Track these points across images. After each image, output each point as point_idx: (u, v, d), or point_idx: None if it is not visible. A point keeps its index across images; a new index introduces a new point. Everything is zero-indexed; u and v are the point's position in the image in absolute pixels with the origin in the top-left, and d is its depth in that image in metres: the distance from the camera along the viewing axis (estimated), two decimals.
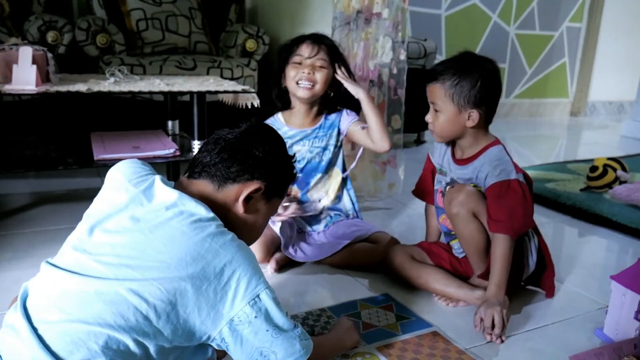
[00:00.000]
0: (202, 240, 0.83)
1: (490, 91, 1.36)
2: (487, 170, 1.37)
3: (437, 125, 1.40)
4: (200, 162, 0.96)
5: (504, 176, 1.34)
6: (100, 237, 0.85)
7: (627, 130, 4.31)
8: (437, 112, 1.39)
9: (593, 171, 2.48)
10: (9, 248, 1.65)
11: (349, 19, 2.13)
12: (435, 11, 4.34)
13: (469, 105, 1.35)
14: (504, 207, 1.32)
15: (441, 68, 1.37)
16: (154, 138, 2.12)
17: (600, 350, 1.16)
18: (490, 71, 1.36)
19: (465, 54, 1.40)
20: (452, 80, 1.34)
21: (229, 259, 0.84)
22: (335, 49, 1.66)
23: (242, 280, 0.84)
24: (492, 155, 1.39)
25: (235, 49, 3.09)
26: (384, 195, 2.32)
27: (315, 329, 1.27)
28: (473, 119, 1.36)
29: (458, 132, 1.40)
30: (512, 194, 1.33)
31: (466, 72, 1.33)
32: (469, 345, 1.25)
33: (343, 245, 1.59)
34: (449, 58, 1.41)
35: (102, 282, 0.80)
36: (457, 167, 1.46)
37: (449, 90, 1.35)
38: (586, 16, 5.12)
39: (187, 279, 0.81)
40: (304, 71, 1.60)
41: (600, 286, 1.58)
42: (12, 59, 1.75)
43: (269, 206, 1.02)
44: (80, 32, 2.65)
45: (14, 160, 1.87)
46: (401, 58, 2.22)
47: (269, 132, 1.04)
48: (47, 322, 0.78)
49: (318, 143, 1.69)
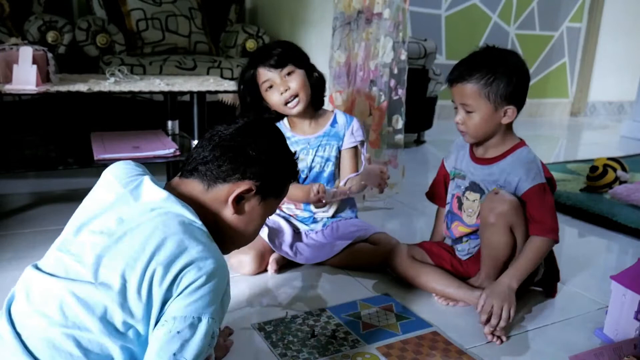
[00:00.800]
0: (181, 241, 0.79)
1: (524, 85, 1.33)
2: (519, 173, 1.34)
3: (471, 126, 1.35)
4: (193, 159, 0.92)
5: (539, 179, 1.33)
6: (85, 238, 0.83)
7: (627, 130, 4.31)
8: (470, 113, 1.33)
9: (593, 171, 2.48)
10: (9, 248, 1.65)
11: (350, 19, 2.13)
12: (435, 11, 4.34)
13: (505, 102, 1.31)
14: (545, 209, 1.32)
15: (470, 66, 1.32)
16: (154, 138, 2.12)
17: (600, 350, 1.16)
18: (520, 65, 1.33)
19: (489, 49, 1.36)
20: (486, 78, 1.30)
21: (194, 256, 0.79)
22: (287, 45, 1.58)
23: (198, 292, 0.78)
24: (523, 157, 1.37)
25: (235, 49, 3.09)
26: (385, 195, 2.32)
27: (315, 329, 1.27)
28: (509, 116, 1.33)
29: (492, 130, 1.36)
30: (549, 197, 1.34)
31: (499, 69, 1.30)
32: (469, 345, 1.25)
33: (343, 247, 1.59)
34: (472, 56, 1.36)
35: (81, 285, 0.78)
36: (479, 167, 1.42)
37: (483, 88, 1.30)
38: (586, 16, 5.12)
39: (156, 276, 0.77)
40: (281, 92, 1.54)
41: (600, 286, 1.58)
42: (13, 59, 1.76)
43: (263, 207, 0.96)
44: (80, 32, 2.65)
45: (14, 160, 1.87)
46: (402, 58, 2.22)
47: (266, 128, 0.98)
48: (29, 328, 0.77)
49: (321, 152, 1.65)
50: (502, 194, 1.33)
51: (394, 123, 2.30)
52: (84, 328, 0.76)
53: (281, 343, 1.21)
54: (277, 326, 1.28)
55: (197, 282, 0.78)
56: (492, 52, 1.35)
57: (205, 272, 0.79)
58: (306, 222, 1.70)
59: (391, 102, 2.26)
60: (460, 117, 1.36)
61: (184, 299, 0.78)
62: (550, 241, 1.33)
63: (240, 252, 1.54)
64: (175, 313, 0.78)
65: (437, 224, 1.62)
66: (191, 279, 0.78)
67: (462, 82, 1.32)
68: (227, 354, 1.16)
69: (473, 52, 1.37)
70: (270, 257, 1.58)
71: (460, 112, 1.36)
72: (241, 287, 1.47)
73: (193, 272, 0.78)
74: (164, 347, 0.77)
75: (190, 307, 0.78)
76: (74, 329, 0.76)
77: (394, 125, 2.30)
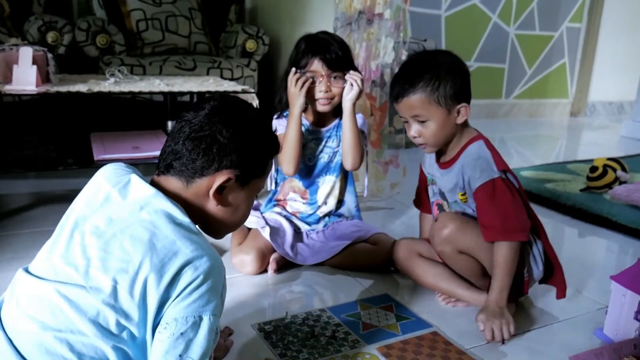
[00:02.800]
0: (173, 242, 0.79)
1: (467, 80, 1.30)
2: (468, 172, 1.30)
3: (429, 136, 1.31)
4: (167, 154, 0.89)
5: (486, 176, 1.28)
6: (75, 240, 0.82)
7: (627, 130, 4.31)
8: (424, 122, 1.30)
9: (593, 171, 2.48)
10: (9, 248, 1.65)
11: (351, 20, 2.14)
12: (435, 11, 4.34)
13: (456, 101, 1.28)
14: (494, 210, 1.27)
15: (410, 77, 1.29)
16: (154, 138, 2.12)
17: (600, 350, 1.16)
18: (457, 61, 1.31)
19: (419, 55, 1.36)
20: (431, 83, 1.26)
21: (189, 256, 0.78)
22: (345, 51, 1.58)
23: (197, 292, 0.78)
24: (471, 153, 1.31)
25: (235, 49, 3.09)
26: (386, 195, 2.32)
27: (315, 329, 1.27)
28: (463, 114, 1.30)
29: (451, 134, 1.33)
30: (500, 194, 1.27)
31: (439, 71, 1.27)
32: (469, 345, 1.25)
33: (342, 248, 1.59)
34: (406, 67, 1.33)
35: (72, 288, 0.77)
36: (441, 172, 1.39)
37: (431, 95, 1.27)
38: (586, 16, 5.12)
39: (150, 279, 0.76)
40: (321, 90, 1.55)
41: (600, 286, 1.58)
42: (13, 59, 1.76)
43: (247, 190, 0.93)
44: (80, 33, 2.65)
45: (14, 161, 1.87)
46: (403, 58, 2.22)
47: (235, 109, 0.92)
48: (21, 332, 0.76)
49: (330, 143, 1.66)
50: (443, 217, 1.32)
51: (395, 123, 2.30)
52: (77, 331, 0.75)
53: (281, 343, 1.21)
54: (277, 326, 1.28)
55: (195, 282, 0.78)
56: (424, 57, 1.35)
57: (202, 271, 0.79)
58: (308, 222, 1.70)
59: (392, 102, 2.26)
60: (414, 130, 1.32)
61: (183, 300, 0.78)
62: (512, 244, 1.26)
63: (242, 252, 1.54)
64: (176, 315, 0.78)
65: (422, 232, 1.57)
66: (189, 280, 0.78)
67: (407, 96, 1.28)
68: (227, 354, 1.16)
69: (404, 63, 1.36)
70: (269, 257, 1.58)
71: (412, 125, 1.32)
72: (241, 287, 1.47)
73: (190, 273, 0.78)
74: (169, 350, 0.77)
75: (190, 307, 0.78)
76: (66, 332, 0.75)
77: (395, 126, 2.30)
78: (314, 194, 1.69)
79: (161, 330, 0.78)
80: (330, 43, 1.55)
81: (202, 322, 0.78)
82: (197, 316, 0.78)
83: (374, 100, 2.20)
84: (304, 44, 1.57)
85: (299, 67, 1.55)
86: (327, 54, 1.53)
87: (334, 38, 1.59)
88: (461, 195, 1.35)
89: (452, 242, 1.31)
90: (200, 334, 0.78)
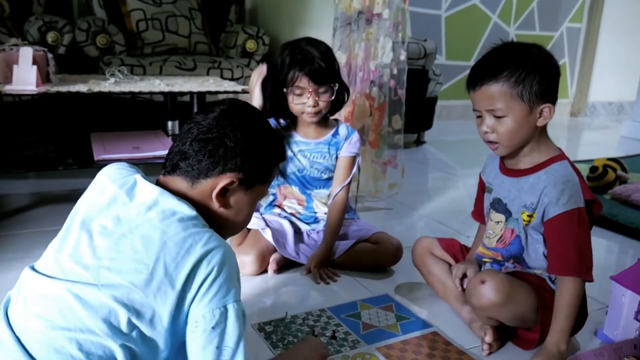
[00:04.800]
0: (183, 240, 0.80)
1: (556, 78, 1.15)
2: (551, 194, 1.14)
3: (503, 134, 1.15)
4: (174, 154, 0.90)
5: (572, 204, 1.13)
6: (83, 239, 0.82)
7: (627, 130, 4.31)
8: (501, 118, 1.14)
9: (593, 171, 2.48)
10: (9, 248, 1.65)
11: (350, 20, 2.14)
12: (435, 12, 4.34)
13: (541, 100, 1.13)
14: (573, 243, 1.13)
15: (494, 65, 1.14)
16: (154, 138, 2.12)
17: (600, 350, 1.16)
18: (549, 57, 1.15)
19: (509, 44, 1.18)
20: (516, 75, 1.11)
21: (203, 249, 0.80)
22: (330, 61, 1.52)
23: (215, 285, 0.80)
24: (559, 174, 1.15)
25: (235, 49, 3.09)
26: (385, 196, 2.32)
27: (315, 329, 1.27)
28: (545, 116, 1.15)
29: (528, 136, 1.17)
30: (582, 226, 1.14)
31: (528, 63, 1.12)
32: (469, 345, 1.25)
33: (346, 249, 1.59)
34: (491, 54, 1.17)
35: (82, 287, 0.77)
36: (507, 179, 1.23)
37: (514, 88, 1.11)
38: (586, 16, 5.12)
39: (164, 277, 0.78)
40: (309, 105, 1.52)
41: (600, 286, 1.57)
42: (13, 59, 1.76)
43: (251, 195, 0.94)
44: (80, 33, 2.65)
45: (14, 161, 1.87)
46: (401, 58, 2.22)
47: (244, 114, 0.92)
48: (29, 331, 0.76)
49: (320, 159, 1.63)
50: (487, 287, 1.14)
51: (393, 123, 2.30)
52: (87, 330, 0.75)
53: (281, 343, 1.21)
54: (277, 326, 1.28)
55: (212, 275, 0.80)
56: (514, 46, 1.17)
57: (216, 262, 0.80)
58: (308, 222, 1.70)
59: (391, 102, 2.26)
60: (487, 125, 1.16)
61: (204, 296, 0.80)
62: (580, 282, 1.15)
63: (242, 253, 1.54)
64: (202, 312, 0.80)
65: (474, 244, 1.42)
66: (205, 274, 0.79)
67: (488, 84, 1.13)
68: None
69: (491, 50, 1.18)
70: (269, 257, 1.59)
71: (486, 120, 1.16)
72: (241, 287, 1.47)
73: (204, 267, 0.80)
74: (205, 345, 0.80)
75: (213, 302, 0.80)
76: (75, 331, 0.75)
77: (393, 126, 2.30)
78: (310, 202, 1.69)
79: (193, 330, 0.80)
80: (315, 56, 1.49)
81: (228, 312, 0.81)
82: (222, 307, 0.81)
83: (373, 101, 2.20)
84: (288, 57, 1.50)
85: (285, 82, 1.51)
86: (313, 70, 1.48)
87: (319, 48, 1.52)
88: (527, 215, 1.19)
89: (492, 314, 1.19)
90: (230, 322, 0.81)
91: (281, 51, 1.54)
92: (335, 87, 1.54)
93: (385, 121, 2.26)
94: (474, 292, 1.16)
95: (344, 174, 1.63)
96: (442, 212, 2.20)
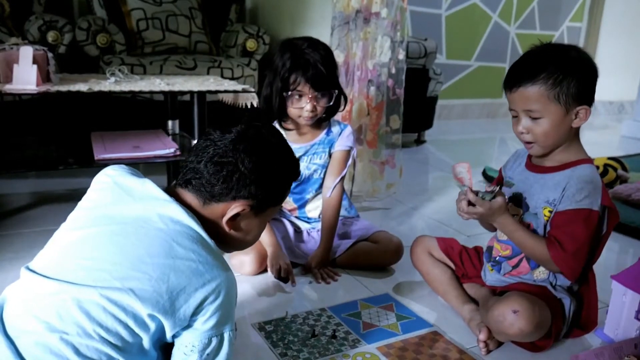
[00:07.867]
0: (189, 259, 0.80)
1: (594, 80, 1.17)
2: (571, 189, 1.16)
3: (539, 134, 1.17)
4: (188, 170, 0.90)
5: (586, 203, 1.15)
6: (83, 239, 0.82)
7: (627, 130, 4.31)
8: (537, 119, 1.16)
9: None
10: (9, 248, 1.65)
11: (348, 19, 2.13)
12: (436, 11, 4.34)
13: (577, 102, 1.15)
14: (574, 236, 1.15)
15: (531, 67, 1.16)
16: (154, 138, 2.12)
17: (600, 350, 1.16)
18: (587, 59, 1.18)
19: (546, 46, 1.20)
20: (554, 77, 1.13)
21: (212, 285, 0.81)
22: (331, 66, 1.51)
23: (215, 315, 0.82)
24: (585, 174, 1.18)
25: (235, 48, 3.09)
26: (383, 195, 2.32)
27: (315, 328, 1.27)
28: (581, 118, 1.17)
29: (563, 137, 1.19)
30: (588, 228, 1.15)
31: (566, 66, 1.14)
32: (469, 345, 1.25)
33: (346, 248, 1.60)
34: (529, 55, 1.20)
35: (80, 289, 0.76)
36: (532, 174, 1.26)
37: (552, 89, 1.13)
38: (586, 16, 5.12)
39: (165, 294, 0.78)
40: (307, 109, 1.51)
41: (600, 286, 1.57)
42: (13, 58, 1.75)
43: (261, 217, 0.95)
44: (80, 32, 2.65)
45: (15, 161, 1.87)
46: (400, 58, 2.22)
47: (260, 138, 0.92)
48: (24, 332, 0.76)
49: (317, 159, 1.63)
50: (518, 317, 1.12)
51: (391, 123, 2.29)
52: (84, 334, 0.75)
53: (281, 343, 1.21)
54: (278, 326, 1.28)
55: (215, 304, 0.82)
56: (553, 48, 1.19)
57: (220, 292, 0.82)
58: (308, 221, 1.70)
59: (389, 101, 2.26)
60: (523, 125, 1.18)
61: (204, 323, 0.81)
62: (552, 266, 1.17)
63: (241, 253, 1.53)
64: (201, 337, 0.82)
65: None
66: (208, 301, 0.81)
67: (525, 86, 1.15)
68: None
69: (529, 51, 1.20)
70: None
71: (522, 120, 1.18)
72: (242, 287, 1.47)
73: (209, 295, 0.81)
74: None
75: (213, 330, 0.82)
76: (72, 335, 0.74)
77: (391, 125, 2.30)
78: (303, 207, 1.69)
79: (187, 352, 0.82)
80: (317, 61, 1.48)
81: (223, 340, 0.84)
82: (219, 335, 0.83)
83: (371, 100, 2.20)
84: (289, 61, 1.48)
85: (286, 86, 1.49)
86: (314, 75, 1.47)
87: (319, 51, 1.50)
88: (548, 211, 1.21)
89: (516, 339, 1.20)
90: (223, 350, 0.84)
91: (281, 51, 1.52)
92: (335, 93, 1.54)
93: (383, 121, 2.25)
94: (503, 320, 1.14)
95: (338, 166, 1.62)
96: (442, 212, 2.20)
